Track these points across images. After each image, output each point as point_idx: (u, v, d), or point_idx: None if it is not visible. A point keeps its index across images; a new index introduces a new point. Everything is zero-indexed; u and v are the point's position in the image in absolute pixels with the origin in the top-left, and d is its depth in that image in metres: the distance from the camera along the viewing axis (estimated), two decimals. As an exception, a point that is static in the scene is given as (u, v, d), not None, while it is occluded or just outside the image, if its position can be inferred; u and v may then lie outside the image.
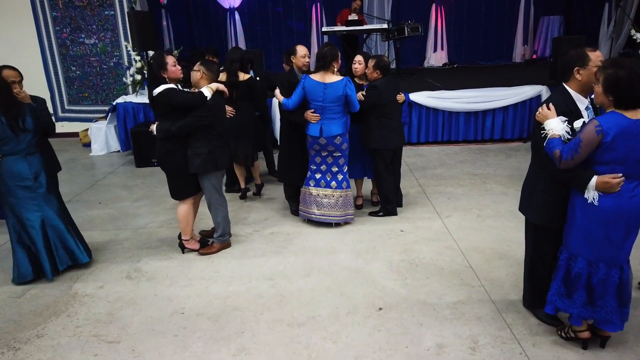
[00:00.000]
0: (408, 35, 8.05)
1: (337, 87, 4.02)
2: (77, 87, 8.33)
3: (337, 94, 4.02)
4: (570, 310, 2.57)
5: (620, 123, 2.27)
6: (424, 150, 6.93)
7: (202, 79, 3.71)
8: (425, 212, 4.66)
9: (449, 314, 3.02)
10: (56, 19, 7.99)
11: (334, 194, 4.30)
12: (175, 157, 3.66)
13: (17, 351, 2.82)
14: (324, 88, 4.03)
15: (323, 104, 4.06)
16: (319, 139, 4.13)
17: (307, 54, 4.39)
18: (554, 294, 2.62)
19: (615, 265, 2.47)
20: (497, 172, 5.75)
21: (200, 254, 3.95)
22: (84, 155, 7.45)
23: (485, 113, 7.04)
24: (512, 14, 10.78)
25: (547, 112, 2.50)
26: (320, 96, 4.04)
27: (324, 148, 4.18)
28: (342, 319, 3.02)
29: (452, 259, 3.74)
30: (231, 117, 4.74)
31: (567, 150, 2.35)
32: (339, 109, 4.09)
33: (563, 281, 2.58)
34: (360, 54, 4.64)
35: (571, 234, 2.53)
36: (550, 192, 2.63)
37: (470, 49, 10.95)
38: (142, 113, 7.20)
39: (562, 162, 2.38)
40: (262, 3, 10.74)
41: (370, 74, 4.32)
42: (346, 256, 3.85)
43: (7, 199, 3.47)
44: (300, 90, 4.11)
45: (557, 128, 2.45)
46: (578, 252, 2.51)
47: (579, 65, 2.49)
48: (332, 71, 4.05)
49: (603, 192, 2.36)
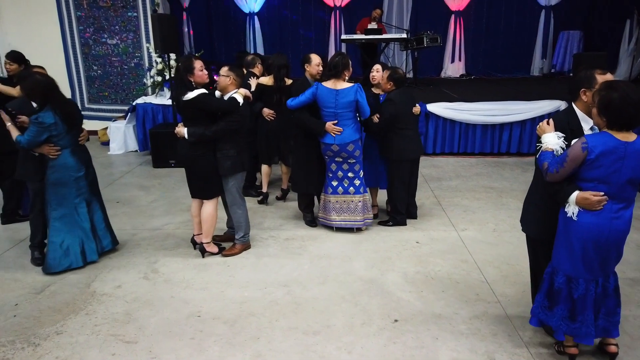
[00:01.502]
0: (427, 45, 8.08)
1: (348, 93, 4.08)
2: (97, 86, 8.46)
3: (348, 100, 4.08)
4: (550, 322, 2.64)
5: (608, 143, 2.32)
6: (440, 161, 6.92)
7: (231, 84, 3.79)
8: (440, 224, 4.66)
9: (464, 329, 3.01)
10: (80, 18, 8.13)
11: (353, 199, 4.33)
12: (206, 160, 3.74)
13: (37, 347, 2.87)
14: (335, 95, 4.09)
15: (335, 110, 4.11)
16: (331, 145, 4.16)
17: (321, 62, 4.42)
18: (538, 307, 2.70)
19: (593, 280, 2.52)
20: (514, 187, 5.72)
21: (223, 255, 4.00)
22: (102, 153, 7.55)
23: (502, 126, 7.02)
24: (532, 28, 10.75)
25: (545, 127, 2.59)
26: (332, 103, 4.10)
27: (337, 155, 4.22)
28: (357, 329, 3.03)
29: (468, 273, 3.73)
30: (273, 120, 4.85)
31: (554, 163, 2.44)
32: (350, 114, 4.14)
33: (546, 294, 2.66)
34: (379, 63, 4.67)
35: (554, 248, 2.62)
36: (544, 205, 2.70)
37: (488, 61, 10.94)
38: (161, 114, 7.29)
39: (548, 175, 2.47)
40: (281, 8, 10.82)
41: (384, 84, 4.37)
42: (361, 265, 3.86)
43: (60, 190, 3.65)
44: (309, 95, 4.16)
45: (551, 142, 2.53)
46: (559, 266, 2.58)
47: (585, 87, 2.54)
48: (344, 79, 4.12)
49: (583, 208, 2.42)
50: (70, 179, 3.66)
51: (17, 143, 3.50)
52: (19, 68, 4.55)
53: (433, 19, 10.45)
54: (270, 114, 4.90)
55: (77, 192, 3.72)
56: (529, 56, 10.89)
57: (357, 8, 10.46)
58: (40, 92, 3.44)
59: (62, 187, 3.65)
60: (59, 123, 3.48)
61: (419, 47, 8.23)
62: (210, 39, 10.88)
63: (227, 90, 3.79)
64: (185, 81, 3.62)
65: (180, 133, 3.70)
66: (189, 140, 3.67)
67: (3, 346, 2.87)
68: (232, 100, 3.70)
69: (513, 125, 6.99)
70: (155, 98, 7.42)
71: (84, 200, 3.78)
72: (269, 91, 4.86)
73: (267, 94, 4.87)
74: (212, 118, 3.71)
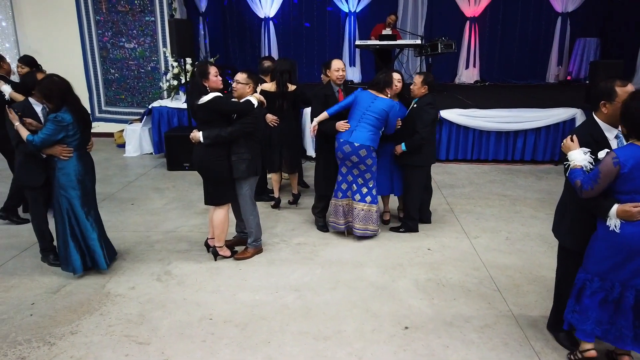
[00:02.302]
0: (441, 51, 8.07)
1: (385, 102, 4.17)
2: (114, 89, 8.59)
3: (381, 107, 4.14)
4: (584, 326, 2.63)
5: (637, 155, 2.35)
6: (453, 167, 6.90)
7: (249, 92, 3.85)
8: (453, 232, 4.64)
9: (475, 337, 3.00)
10: (99, 22, 8.28)
11: (356, 206, 4.34)
12: (222, 163, 3.77)
13: (52, 346, 2.92)
14: (373, 99, 4.19)
15: (365, 112, 4.17)
16: (344, 145, 4.19)
17: (342, 68, 4.45)
18: (569, 311, 2.71)
19: (632, 287, 2.52)
20: (527, 195, 5.68)
21: (235, 259, 4.04)
22: (117, 155, 7.66)
23: (516, 133, 6.97)
24: (548, 34, 10.69)
25: (570, 144, 2.62)
26: (367, 105, 4.18)
27: (347, 157, 4.22)
28: (368, 335, 3.03)
29: (480, 281, 3.71)
30: (276, 126, 4.89)
31: (587, 180, 2.47)
32: (376, 122, 4.16)
33: (577, 299, 2.67)
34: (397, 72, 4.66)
35: (590, 256, 2.62)
36: (579, 217, 2.71)
37: (502, 67, 10.89)
38: (176, 117, 7.38)
39: (583, 192, 2.50)
40: (296, 14, 10.90)
41: (417, 89, 4.39)
42: (372, 271, 3.86)
43: (69, 192, 3.61)
44: (350, 99, 4.27)
45: (578, 159, 2.56)
46: (595, 272, 2.59)
47: (605, 99, 2.56)
48: (386, 95, 4.23)
49: (624, 220, 2.44)
50: (77, 182, 3.61)
51: (28, 143, 3.48)
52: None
53: (448, 25, 10.45)
54: (274, 119, 4.91)
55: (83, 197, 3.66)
56: (544, 63, 10.82)
57: (372, 14, 10.50)
58: (58, 93, 3.47)
59: (71, 190, 3.60)
60: (74, 124, 3.52)
61: (433, 53, 8.22)
62: (226, 44, 11.00)
63: (244, 96, 3.84)
64: (200, 86, 3.67)
65: (195, 137, 3.73)
66: (204, 142, 3.71)
67: (19, 344, 2.93)
68: (247, 102, 3.75)
69: (527, 132, 6.93)
70: (170, 101, 7.52)
71: (88, 207, 3.72)
72: (271, 97, 4.82)
73: (270, 100, 4.88)
74: (226, 121, 3.75)
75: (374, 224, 4.37)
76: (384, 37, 8.35)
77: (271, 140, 4.98)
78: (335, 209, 4.48)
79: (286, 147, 5.03)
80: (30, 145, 3.49)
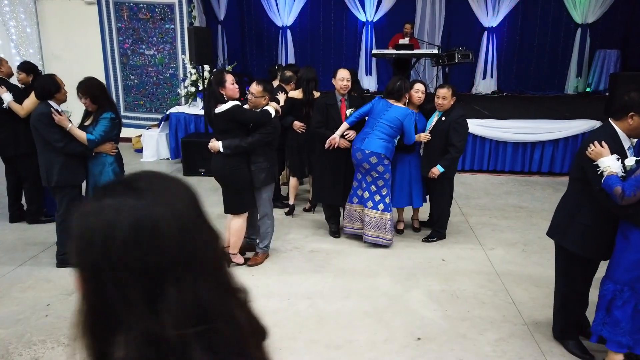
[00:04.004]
0: (458, 61, 8.04)
1: (399, 111, 4.17)
2: (133, 95, 8.73)
3: (395, 116, 4.15)
4: (618, 338, 2.59)
5: None
6: (468, 178, 6.84)
7: (265, 101, 3.88)
8: (467, 243, 4.59)
9: (489, 351, 2.95)
10: (120, 29, 8.44)
11: (368, 213, 4.33)
12: (242, 172, 3.81)
13: (67, 348, 2.95)
14: (387, 107, 4.20)
15: (379, 119, 4.18)
16: (357, 152, 4.21)
17: (347, 78, 4.39)
18: (599, 324, 2.67)
19: None
20: (544, 207, 5.59)
21: (249, 265, 4.06)
22: (134, 160, 7.76)
23: (534, 145, 6.89)
24: (567, 45, 10.56)
25: (601, 150, 2.56)
26: (381, 113, 4.20)
27: (360, 164, 4.24)
28: (380, 346, 3.00)
29: (495, 293, 3.66)
30: (302, 133, 4.93)
31: (630, 187, 2.42)
32: (389, 131, 4.15)
33: (607, 310, 2.63)
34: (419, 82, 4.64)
35: (619, 265, 2.59)
36: (596, 225, 2.70)
37: (520, 78, 10.79)
38: (193, 124, 7.46)
39: (624, 199, 2.45)
40: (314, 23, 10.98)
41: (448, 102, 4.33)
42: (385, 281, 3.83)
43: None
44: (367, 107, 4.30)
45: (613, 166, 2.52)
46: (625, 282, 2.57)
47: (635, 111, 2.51)
48: (403, 103, 4.25)
49: None
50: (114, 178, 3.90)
51: (89, 142, 3.69)
52: (27, 78, 4.77)
53: (465, 35, 10.39)
54: (302, 126, 4.97)
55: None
56: (563, 74, 10.69)
57: (389, 23, 10.52)
58: (104, 93, 3.78)
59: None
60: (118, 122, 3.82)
61: (450, 63, 8.19)
62: (243, 52, 11.10)
63: (260, 105, 3.87)
64: (217, 94, 3.70)
65: (215, 147, 3.75)
66: (224, 152, 3.74)
67: (34, 345, 2.97)
68: (265, 112, 3.79)
69: (545, 144, 6.85)
70: (188, 108, 7.61)
71: None
72: (298, 104, 4.93)
73: (297, 108, 4.94)
74: (244, 130, 3.79)
75: (387, 233, 4.34)
76: (401, 47, 8.35)
77: (299, 147, 5.02)
78: (350, 213, 4.49)
79: (311, 153, 5.05)
80: (91, 144, 3.71)
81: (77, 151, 3.78)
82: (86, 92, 3.73)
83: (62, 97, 3.88)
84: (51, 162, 3.79)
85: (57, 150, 3.75)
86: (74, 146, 3.75)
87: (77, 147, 3.76)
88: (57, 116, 3.69)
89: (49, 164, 3.80)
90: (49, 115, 3.69)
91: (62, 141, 3.73)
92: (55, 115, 3.69)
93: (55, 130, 3.71)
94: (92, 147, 3.75)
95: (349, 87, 4.46)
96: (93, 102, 3.78)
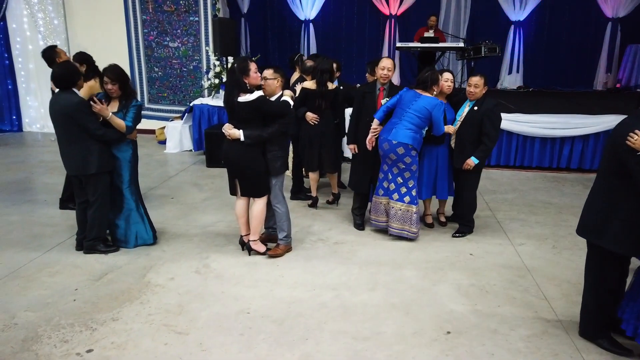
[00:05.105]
0: (485, 55, 7.86)
1: (428, 100, 4.08)
2: (157, 87, 8.78)
3: (423, 105, 4.06)
4: None
5: None
6: (495, 173, 6.70)
7: (278, 86, 3.85)
8: (495, 238, 4.48)
9: (522, 346, 2.86)
10: (145, 22, 8.49)
11: (394, 205, 4.26)
12: (259, 161, 3.80)
13: (94, 331, 2.96)
14: (416, 97, 4.12)
15: (407, 109, 4.10)
16: (383, 142, 4.16)
17: (388, 67, 4.36)
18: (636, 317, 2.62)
19: None
20: (574, 203, 5.44)
21: (269, 256, 4.01)
22: (158, 152, 7.81)
23: (563, 140, 6.71)
24: (596, 40, 10.27)
25: None
26: (410, 102, 4.12)
27: (386, 155, 4.18)
28: (408, 339, 2.94)
29: (525, 289, 3.56)
30: (315, 125, 4.87)
31: None
32: (417, 121, 4.07)
33: None
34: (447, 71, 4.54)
35: None
36: (635, 221, 2.59)
37: (547, 73, 10.53)
38: (216, 115, 7.47)
39: None
40: (337, 16, 10.90)
41: (480, 91, 4.25)
42: (412, 274, 3.76)
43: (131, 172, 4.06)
44: (395, 98, 4.23)
45: None
46: None
47: None
48: (432, 94, 4.16)
49: None
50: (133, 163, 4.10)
51: (127, 129, 3.86)
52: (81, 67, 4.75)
53: (491, 29, 10.17)
54: (314, 118, 4.88)
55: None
56: (592, 70, 10.40)
57: (413, 17, 10.38)
58: (129, 80, 3.91)
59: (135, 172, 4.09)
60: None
61: (476, 56, 8.03)
62: (266, 45, 11.09)
63: (274, 93, 3.84)
64: (240, 82, 3.65)
65: (234, 135, 3.71)
66: (244, 142, 3.71)
67: (63, 328, 2.99)
68: (285, 103, 3.78)
69: (575, 139, 6.67)
70: (211, 100, 7.63)
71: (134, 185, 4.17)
72: (311, 95, 4.84)
73: (310, 99, 4.87)
74: (263, 120, 3.77)
75: (412, 226, 4.26)
76: (426, 40, 8.22)
77: (310, 140, 4.96)
78: (376, 206, 4.43)
79: (325, 146, 5.00)
80: (128, 131, 3.87)
81: (114, 138, 3.86)
82: (117, 79, 3.80)
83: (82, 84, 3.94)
84: (88, 150, 3.78)
85: (95, 138, 3.77)
86: (112, 133, 3.83)
87: (114, 133, 3.84)
88: (98, 105, 3.72)
89: (85, 153, 3.78)
90: (88, 104, 3.71)
91: (101, 129, 3.78)
92: (97, 104, 3.72)
93: (93, 119, 3.75)
94: (128, 133, 3.88)
95: (389, 76, 4.41)
96: (120, 89, 3.81)
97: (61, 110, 3.72)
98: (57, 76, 3.75)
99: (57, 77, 3.74)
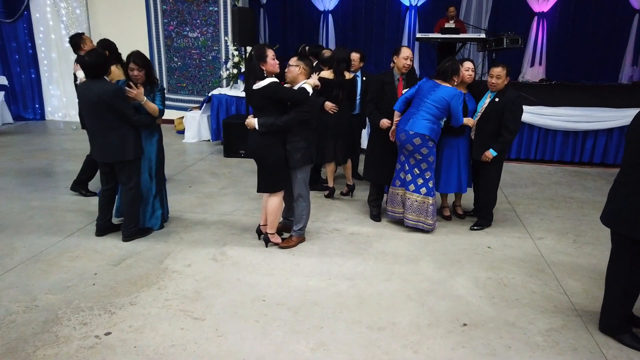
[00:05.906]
0: (507, 47, 7.72)
1: (446, 91, 4.01)
2: (176, 77, 8.84)
3: (441, 96, 4.00)
4: None
5: None
6: (514, 167, 6.59)
7: (301, 74, 3.77)
8: (514, 231, 4.42)
9: (541, 340, 2.82)
10: (165, 12, 8.54)
11: (410, 196, 4.23)
12: (276, 151, 3.72)
13: (113, 315, 3.01)
14: (435, 87, 4.06)
15: (425, 100, 4.05)
16: (400, 133, 4.12)
17: (410, 57, 4.33)
18: None
19: None
20: (597, 199, 5.32)
21: (280, 247, 4.01)
22: (176, 141, 7.88)
23: (585, 134, 6.57)
24: (622, 32, 10.00)
25: None
26: (428, 92, 4.07)
27: (403, 145, 4.14)
28: (424, 329, 2.92)
29: (545, 283, 3.50)
30: (332, 116, 4.84)
31: None
32: (435, 111, 4.02)
33: None
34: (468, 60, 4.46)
35: None
36: None
37: (571, 66, 10.30)
38: (234, 106, 7.50)
39: None
40: (356, 7, 10.81)
41: (502, 82, 4.16)
42: (428, 266, 3.73)
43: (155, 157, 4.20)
44: (414, 89, 4.18)
45: None
46: None
47: None
48: (452, 84, 4.08)
49: None
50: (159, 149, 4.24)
51: (160, 112, 4.00)
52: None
53: (514, 20, 9.99)
54: (333, 107, 4.85)
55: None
56: (617, 63, 10.15)
57: (433, 8, 10.24)
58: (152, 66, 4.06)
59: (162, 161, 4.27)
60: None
61: (497, 48, 7.88)
62: (284, 36, 11.07)
63: (297, 80, 3.75)
64: (257, 69, 3.61)
65: (250, 124, 3.69)
66: (259, 130, 3.68)
67: (82, 311, 3.04)
68: (302, 90, 3.66)
69: (598, 133, 6.52)
70: (229, 90, 7.65)
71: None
72: (329, 85, 4.78)
73: (328, 88, 4.82)
74: (281, 108, 3.68)
75: (428, 218, 4.22)
76: (447, 31, 8.10)
77: (326, 130, 4.93)
78: (393, 197, 4.40)
79: (341, 136, 4.97)
80: (161, 114, 4.02)
81: (146, 123, 3.95)
82: (144, 64, 3.88)
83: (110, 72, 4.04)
84: (126, 137, 3.82)
85: (130, 123, 3.82)
86: (145, 118, 3.92)
87: (147, 119, 3.93)
88: (134, 90, 3.78)
89: (123, 139, 3.81)
90: (124, 91, 3.76)
91: (136, 114, 3.84)
92: (133, 89, 3.77)
93: (129, 105, 3.80)
94: (161, 116, 4.02)
95: (410, 66, 4.39)
96: (146, 75, 3.89)
97: (97, 98, 3.69)
98: (90, 65, 3.72)
99: (91, 66, 3.73)
